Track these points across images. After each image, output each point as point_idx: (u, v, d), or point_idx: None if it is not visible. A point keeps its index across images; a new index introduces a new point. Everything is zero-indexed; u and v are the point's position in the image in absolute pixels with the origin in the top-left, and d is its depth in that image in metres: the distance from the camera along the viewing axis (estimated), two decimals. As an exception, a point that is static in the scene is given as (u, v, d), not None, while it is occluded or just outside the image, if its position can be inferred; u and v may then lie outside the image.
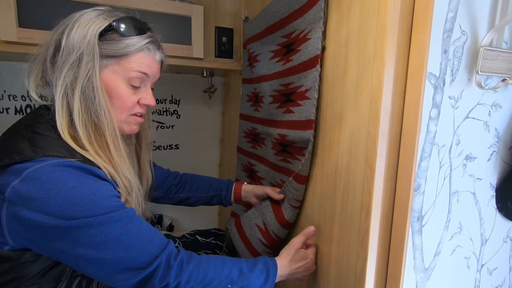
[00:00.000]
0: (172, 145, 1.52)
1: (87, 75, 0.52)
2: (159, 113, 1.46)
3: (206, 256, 0.59)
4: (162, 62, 0.64)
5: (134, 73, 0.56)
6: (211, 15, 1.16)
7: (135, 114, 0.61)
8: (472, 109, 0.56)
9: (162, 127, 1.48)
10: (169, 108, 1.48)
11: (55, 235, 0.46)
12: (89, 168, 0.50)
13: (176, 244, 1.25)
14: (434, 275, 0.59)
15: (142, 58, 0.57)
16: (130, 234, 0.50)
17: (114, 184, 0.54)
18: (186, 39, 1.11)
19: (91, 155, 0.53)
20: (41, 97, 0.56)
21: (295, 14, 0.73)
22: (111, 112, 0.55)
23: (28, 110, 1.21)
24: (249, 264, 0.61)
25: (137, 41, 0.56)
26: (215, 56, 1.18)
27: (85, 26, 0.53)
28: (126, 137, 0.70)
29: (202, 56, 1.13)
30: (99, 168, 0.53)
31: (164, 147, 1.50)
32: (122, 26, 0.55)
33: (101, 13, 0.55)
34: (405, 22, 0.50)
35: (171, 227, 1.51)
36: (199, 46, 1.12)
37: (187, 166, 1.55)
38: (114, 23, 0.55)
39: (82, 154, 0.52)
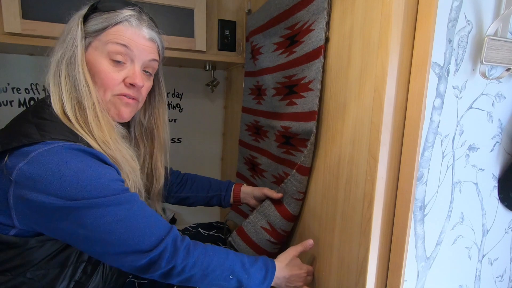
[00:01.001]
0: (174, 138, 1.52)
1: (71, 52, 0.54)
2: (161, 106, 1.46)
3: (211, 246, 0.59)
4: (156, 43, 0.62)
5: (112, 46, 0.55)
6: (213, 8, 1.16)
7: (123, 95, 0.59)
8: (476, 99, 0.56)
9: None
10: (171, 102, 1.48)
11: (61, 215, 0.47)
12: (94, 152, 0.51)
13: (179, 236, 1.27)
14: (435, 264, 0.60)
15: (121, 30, 0.56)
16: (134, 217, 0.51)
17: (118, 169, 0.55)
18: (188, 32, 1.10)
19: (82, 134, 0.53)
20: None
21: (298, 5, 0.73)
22: (91, 87, 0.55)
23: (32, 103, 1.21)
24: (251, 259, 0.62)
25: (116, 15, 0.56)
26: (218, 49, 1.18)
27: (76, 14, 0.57)
28: (138, 138, 0.70)
29: (204, 49, 1.13)
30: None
31: (166, 140, 1.51)
32: (105, 3, 0.57)
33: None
34: (410, 11, 0.50)
35: (173, 220, 1.53)
36: (201, 39, 1.12)
37: (189, 159, 1.56)
38: (99, 3, 0.57)
39: (85, 139, 0.52)
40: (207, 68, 1.34)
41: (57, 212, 0.47)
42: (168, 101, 1.47)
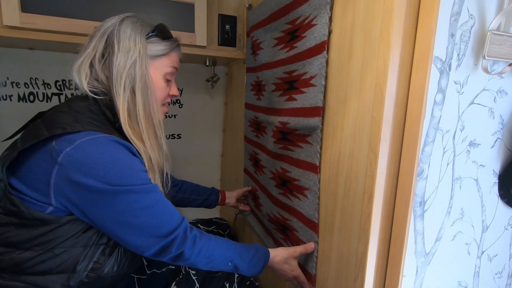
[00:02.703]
0: (174, 134, 1.52)
1: (142, 74, 0.64)
2: (161, 102, 1.46)
3: (215, 236, 0.68)
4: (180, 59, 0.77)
5: (170, 69, 0.70)
6: (214, 3, 1.15)
7: (165, 104, 0.74)
8: (478, 94, 0.56)
9: (165, 117, 1.48)
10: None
11: (97, 198, 0.54)
12: (127, 145, 0.59)
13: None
14: (434, 260, 0.60)
15: (175, 56, 0.72)
16: (158, 205, 0.59)
17: (142, 161, 0.63)
18: (189, 27, 1.10)
19: (136, 139, 0.63)
20: (90, 91, 0.65)
21: (299, 0, 0.73)
22: (159, 104, 0.68)
23: (31, 98, 1.21)
24: (248, 250, 0.71)
25: (172, 43, 0.71)
26: (218, 44, 1.17)
27: (132, 31, 0.64)
28: None
29: (205, 44, 1.12)
30: (132, 145, 0.62)
31: (166, 136, 1.50)
32: (161, 31, 0.68)
33: (137, 19, 0.67)
34: (412, 5, 0.50)
35: (173, 216, 1.53)
36: (202, 34, 1.11)
37: (190, 156, 1.56)
38: (156, 28, 0.68)
39: (128, 137, 0.62)
40: (207, 63, 1.33)
41: (95, 194, 0.54)
42: (168, 97, 1.47)
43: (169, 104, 0.78)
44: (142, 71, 0.64)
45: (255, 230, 1.10)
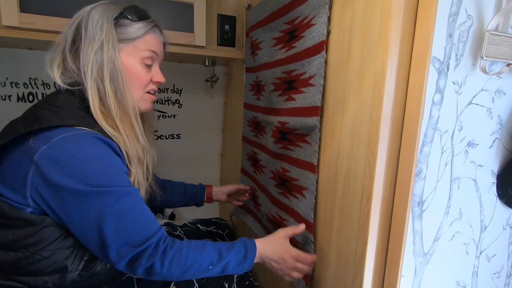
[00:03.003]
0: (173, 134, 1.52)
1: (110, 59, 0.59)
2: (161, 102, 1.46)
3: (188, 242, 0.62)
4: (164, 45, 0.71)
5: (146, 53, 0.64)
6: (213, 3, 1.15)
7: (149, 92, 0.69)
8: (476, 95, 0.56)
9: (164, 117, 1.48)
10: (170, 98, 1.47)
11: (71, 198, 0.51)
12: (108, 142, 0.56)
13: (178, 233, 1.27)
14: (433, 260, 0.60)
15: (151, 39, 0.66)
16: (133, 211, 0.55)
17: (124, 160, 0.60)
18: (188, 27, 1.10)
19: (111, 130, 0.59)
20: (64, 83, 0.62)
21: (298, 0, 0.73)
22: (132, 92, 0.63)
23: (31, 98, 1.21)
24: (227, 245, 0.64)
25: (146, 25, 0.64)
26: (218, 44, 1.17)
27: (100, 16, 0.60)
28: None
29: (204, 44, 1.12)
30: (115, 142, 0.58)
31: (165, 136, 1.50)
32: (132, 12, 0.63)
33: (109, 4, 0.64)
34: (410, 5, 0.50)
35: (172, 216, 1.53)
36: (201, 34, 1.11)
37: (189, 156, 1.56)
38: (125, 11, 0.63)
39: (102, 127, 0.58)
40: (207, 63, 1.33)
41: (68, 194, 0.51)
42: (167, 97, 1.47)
43: (154, 92, 0.70)
44: (109, 57, 0.59)
45: (253, 230, 1.10)
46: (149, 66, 0.67)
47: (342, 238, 0.62)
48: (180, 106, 1.49)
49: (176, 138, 1.52)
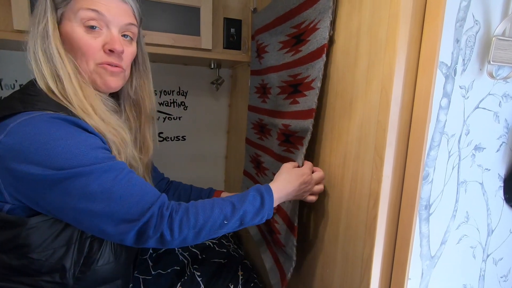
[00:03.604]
0: (179, 136, 1.53)
1: (44, 27, 0.53)
2: (166, 104, 1.47)
3: (194, 202, 0.57)
4: (130, 5, 0.60)
5: (83, 12, 0.54)
6: (219, 6, 1.16)
7: (106, 64, 0.58)
8: (483, 99, 0.56)
9: (169, 119, 1.49)
10: (176, 100, 1.49)
11: (45, 186, 0.47)
12: (74, 120, 0.50)
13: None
14: (440, 263, 0.60)
15: None
16: (120, 186, 0.49)
17: (102, 138, 0.54)
18: (194, 30, 1.11)
19: (74, 108, 0.53)
20: None
21: (305, 4, 0.74)
22: (65, 61, 0.54)
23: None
24: (240, 196, 0.59)
25: None
26: (223, 47, 1.19)
27: None
28: (128, 110, 0.69)
29: (210, 47, 1.13)
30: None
31: (171, 138, 1.51)
32: None
33: None
34: (418, 11, 0.50)
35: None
36: (207, 37, 1.12)
37: (194, 157, 1.57)
38: None
39: (70, 109, 0.52)
40: (212, 66, 1.34)
41: (41, 182, 0.46)
42: (173, 99, 1.48)
43: (116, 65, 0.59)
44: (42, 26, 0.53)
45: (249, 232, 1.10)
46: (93, 29, 0.55)
47: (349, 240, 0.62)
48: (185, 108, 1.51)
49: (181, 139, 1.53)
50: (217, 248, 1.25)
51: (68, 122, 0.49)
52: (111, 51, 0.57)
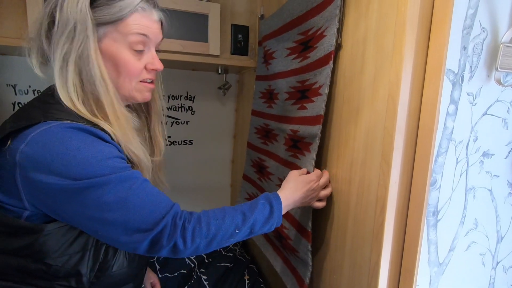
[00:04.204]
0: (186, 140, 1.55)
1: (81, 45, 0.52)
2: (174, 109, 1.49)
3: (206, 211, 0.58)
4: (162, 22, 0.62)
5: (134, 37, 0.55)
6: (227, 13, 1.18)
7: (145, 81, 0.60)
8: (491, 105, 0.56)
9: (177, 123, 1.51)
10: (184, 104, 1.51)
11: (63, 195, 0.48)
12: (92, 130, 0.51)
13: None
14: (448, 270, 0.60)
15: (139, 19, 0.55)
16: (135, 196, 0.50)
17: (119, 147, 0.55)
18: (202, 37, 1.13)
19: (98, 120, 0.54)
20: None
21: (312, 11, 0.75)
22: (108, 82, 0.54)
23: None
24: (250, 204, 0.60)
25: (129, 2, 0.54)
26: (231, 53, 1.20)
27: None
28: (137, 108, 0.71)
29: (218, 53, 1.15)
30: (104, 131, 0.53)
31: (178, 142, 1.53)
32: None
33: None
34: (425, 19, 0.51)
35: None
36: (215, 43, 1.14)
37: (201, 161, 1.58)
38: None
39: (90, 120, 0.53)
40: (220, 71, 1.36)
41: (60, 192, 0.48)
42: (181, 104, 1.50)
43: (152, 81, 0.62)
44: (80, 43, 0.51)
45: (252, 238, 1.10)
46: (140, 52, 0.57)
47: (356, 246, 0.63)
48: (193, 112, 1.52)
49: (189, 144, 1.55)
50: (223, 252, 1.26)
51: (85, 131, 0.50)
52: (153, 70, 0.60)
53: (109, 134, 0.54)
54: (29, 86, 1.22)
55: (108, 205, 0.49)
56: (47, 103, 0.53)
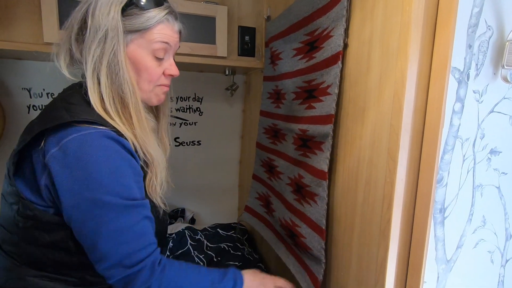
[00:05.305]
0: (194, 141, 1.57)
1: (112, 50, 0.56)
2: (182, 110, 1.52)
3: (185, 265, 0.62)
4: (180, 32, 0.66)
5: (157, 45, 0.60)
6: (234, 15, 1.20)
7: (162, 85, 0.65)
8: (498, 103, 0.56)
9: (185, 124, 1.54)
10: (192, 106, 1.53)
11: (74, 202, 0.51)
12: (121, 141, 0.54)
13: (198, 237, 1.31)
14: (456, 267, 0.60)
15: (163, 29, 0.60)
16: (138, 229, 0.54)
17: (138, 160, 0.58)
18: (210, 39, 1.15)
19: (119, 125, 0.57)
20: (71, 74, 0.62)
21: (318, 12, 0.76)
22: (135, 85, 0.59)
23: (64, 107, 1.29)
24: (220, 274, 0.65)
25: (157, 13, 0.59)
26: (238, 55, 1.22)
27: (108, 4, 0.56)
28: (148, 109, 0.73)
29: (225, 55, 1.17)
30: (127, 140, 0.56)
31: (186, 143, 1.56)
32: (142, 0, 0.58)
33: None
34: (429, 18, 0.52)
35: (192, 220, 1.57)
36: (222, 45, 1.16)
37: (208, 162, 1.61)
38: None
39: (112, 124, 0.56)
40: (227, 73, 1.38)
41: (73, 199, 0.51)
42: (189, 105, 1.53)
43: (168, 85, 0.67)
44: (111, 48, 0.55)
45: (263, 237, 1.11)
46: (161, 59, 0.62)
47: (363, 243, 0.63)
48: (200, 113, 1.55)
49: (197, 144, 1.58)
50: (232, 251, 1.27)
51: (116, 142, 0.53)
52: (170, 75, 0.65)
53: (127, 139, 0.57)
54: (43, 90, 1.26)
55: (108, 229, 0.52)
56: (70, 103, 0.56)
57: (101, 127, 0.53)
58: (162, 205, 0.65)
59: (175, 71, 0.65)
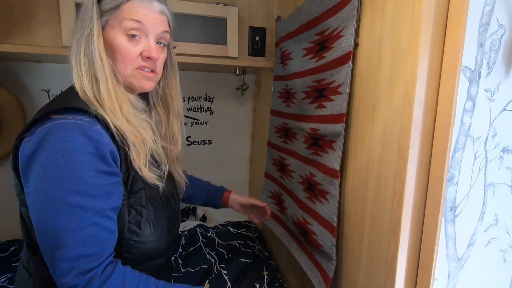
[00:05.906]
0: (205, 140, 1.60)
1: (89, 33, 0.57)
2: (194, 110, 1.55)
3: (145, 282, 0.59)
4: (166, 15, 0.64)
5: (127, 22, 0.59)
6: (245, 16, 1.22)
7: (141, 69, 0.62)
8: (510, 101, 0.56)
9: (197, 123, 1.57)
10: (203, 105, 1.56)
11: (34, 194, 0.51)
12: (88, 133, 0.52)
13: (210, 234, 1.34)
14: (467, 265, 0.60)
15: (134, 6, 0.59)
16: (102, 232, 0.53)
17: (113, 150, 0.56)
18: (221, 39, 1.17)
19: (99, 109, 0.56)
20: None
21: (328, 12, 0.77)
22: (106, 68, 0.58)
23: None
24: None
25: None
26: (249, 55, 1.24)
27: None
28: (156, 105, 0.75)
29: (236, 55, 1.19)
30: (107, 127, 0.55)
31: (198, 142, 1.59)
32: None
33: None
34: (440, 17, 0.52)
35: (204, 218, 1.60)
36: (233, 46, 1.18)
37: (219, 160, 1.63)
38: None
39: (96, 109, 0.56)
40: (237, 72, 1.40)
41: (34, 191, 0.51)
42: (200, 105, 1.56)
43: (152, 70, 0.64)
44: (88, 32, 0.57)
45: (275, 234, 1.12)
46: (135, 38, 0.60)
47: (373, 241, 0.64)
48: (211, 113, 1.57)
49: (208, 143, 1.60)
50: (242, 248, 1.29)
51: (82, 134, 0.52)
52: (148, 58, 0.62)
53: (105, 121, 0.56)
54: (61, 91, 1.29)
55: (69, 231, 0.50)
56: (60, 96, 0.59)
57: (70, 118, 0.52)
58: (159, 183, 0.64)
59: (153, 53, 0.62)
